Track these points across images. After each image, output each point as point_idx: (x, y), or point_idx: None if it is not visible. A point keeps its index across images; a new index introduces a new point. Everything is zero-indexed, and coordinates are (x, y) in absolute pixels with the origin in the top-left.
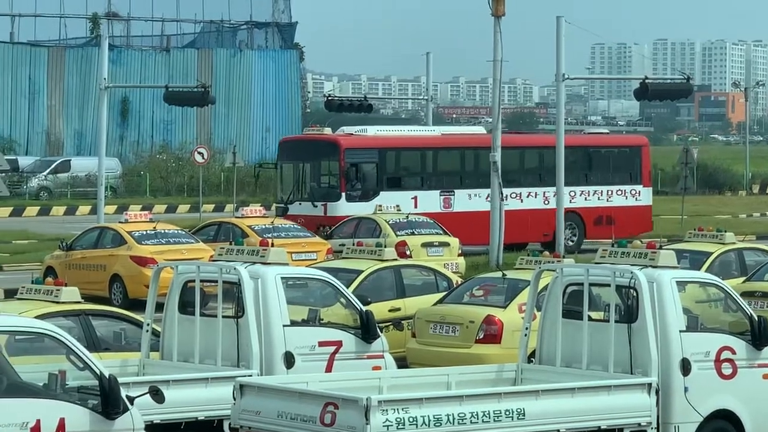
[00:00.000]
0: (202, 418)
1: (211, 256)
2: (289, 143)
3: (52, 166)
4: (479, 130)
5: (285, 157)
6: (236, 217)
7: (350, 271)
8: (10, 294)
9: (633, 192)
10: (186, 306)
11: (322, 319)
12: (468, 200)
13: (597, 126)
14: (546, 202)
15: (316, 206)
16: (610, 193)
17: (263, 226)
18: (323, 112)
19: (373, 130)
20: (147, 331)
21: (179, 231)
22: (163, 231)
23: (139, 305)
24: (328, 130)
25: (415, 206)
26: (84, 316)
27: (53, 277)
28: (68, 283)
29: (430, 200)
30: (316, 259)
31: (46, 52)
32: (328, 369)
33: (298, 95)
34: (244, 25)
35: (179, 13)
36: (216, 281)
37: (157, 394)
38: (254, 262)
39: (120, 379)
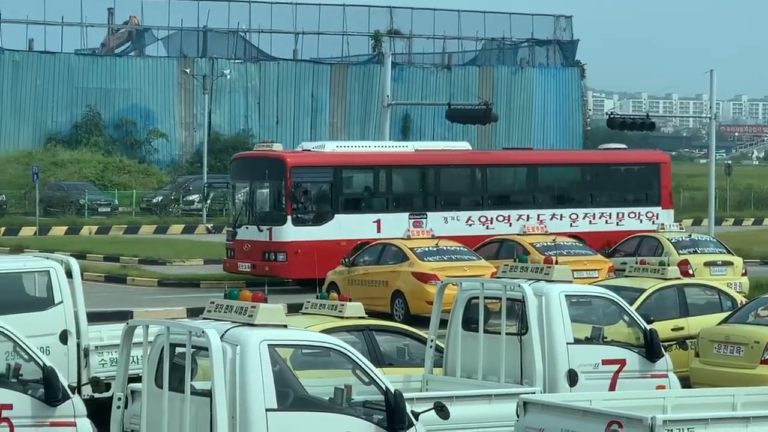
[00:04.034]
0: None
1: (493, 273)
2: (239, 161)
3: None
4: (462, 145)
5: (235, 175)
6: None
7: (633, 290)
8: (294, 309)
9: (649, 215)
10: (469, 322)
11: (606, 337)
12: (444, 224)
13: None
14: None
15: (262, 230)
16: (620, 215)
17: (545, 244)
18: (603, 129)
19: (331, 146)
20: (431, 347)
21: (461, 248)
22: (445, 247)
23: (419, 321)
24: (278, 146)
25: (378, 231)
26: (368, 332)
27: (336, 293)
28: (351, 298)
29: (397, 224)
30: (597, 277)
31: (329, 70)
32: (612, 387)
33: (580, 113)
34: (525, 42)
35: (461, 31)
36: (499, 298)
37: (442, 410)
38: (538, 280)
39: (404, 395)
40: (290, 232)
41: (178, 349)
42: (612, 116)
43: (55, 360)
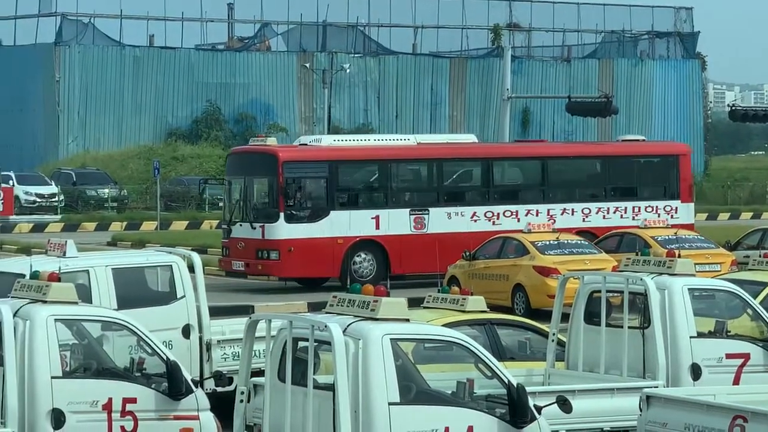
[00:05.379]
0: (608, 428)
1: (615, 267)
2: (233, 156)
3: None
4: (468, 138)
5: (231, 171)
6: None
7: (756, 283)
8: (415, 303)
9: (667, 209)
10: (591, 316)
11: (729, 331)
12: (447, 220)
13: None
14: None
15: (255, 228)
16: (636, 210)
17: (666, 237)
18: (725, 122)
19: (328, 140)
20: (553, 340)
21: (582, 241)
22: (566, 241)
23: (540, 315)
24: (272, 140)
25: (377, 227)
26: (489, 326)
27: (457, 286)
28: (472, 292)
29: (397, 220)
30: (719, 271)
31: (448, 63)
32: (736, 381)
33: (700, 106)
34: (646, 35)
35: (580, 24)
36: (621, 291)
37: (564, 404)
38: (661, 273)
39: (526, 389)
40: (283, 230)
41: (301, 343)
42: (734, 108)
43: (178, 354)
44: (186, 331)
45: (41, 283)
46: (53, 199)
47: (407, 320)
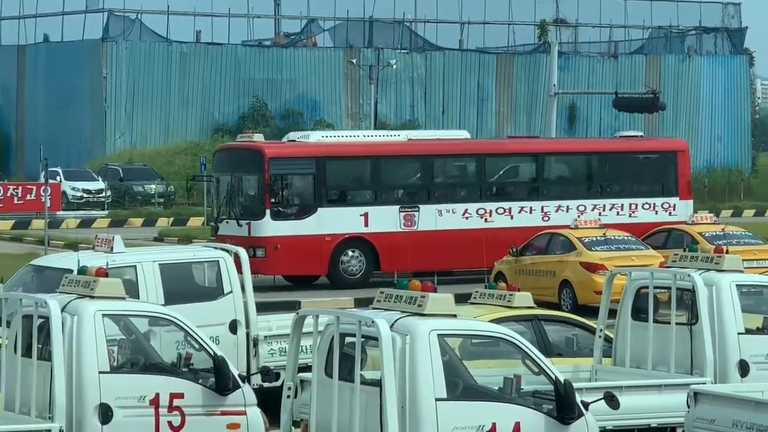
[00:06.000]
0: (655, 425)
1: (662, 263)
2: (220, 152)
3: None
4: (460, 134)
5: (218, 168)
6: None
7: None
8: (462, 299)
9: (665, 206)
10: (639, 312)
11: None
12: (438, 217)
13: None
14: (546, 218)
15: (241, 225)
16: (633, 207)
17: (714, 233)
18: None
19: (316, 136)
20: (600, 336)
21: (629, 237)
22: (612, 237)
23: (587, 311)
24: (259, 137)
25: (366, 225)
26: (537, 321)
27: (504, 282)
28: (519, 288)
29: (387, 217)
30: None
31: (494, 59)
32: None
33: (748, 102)
34: (693, 30)
35: (627, 19)
36: (669, 288)
37: (612, 400)
38: (708, 269)
39: (573, 385)
40: (269, 227)
41: (348, 339)
42: None
43: (225, 350)
44: (233, 327)
45: (89, 278)
46: (100, 195)
47: (454, 316)
